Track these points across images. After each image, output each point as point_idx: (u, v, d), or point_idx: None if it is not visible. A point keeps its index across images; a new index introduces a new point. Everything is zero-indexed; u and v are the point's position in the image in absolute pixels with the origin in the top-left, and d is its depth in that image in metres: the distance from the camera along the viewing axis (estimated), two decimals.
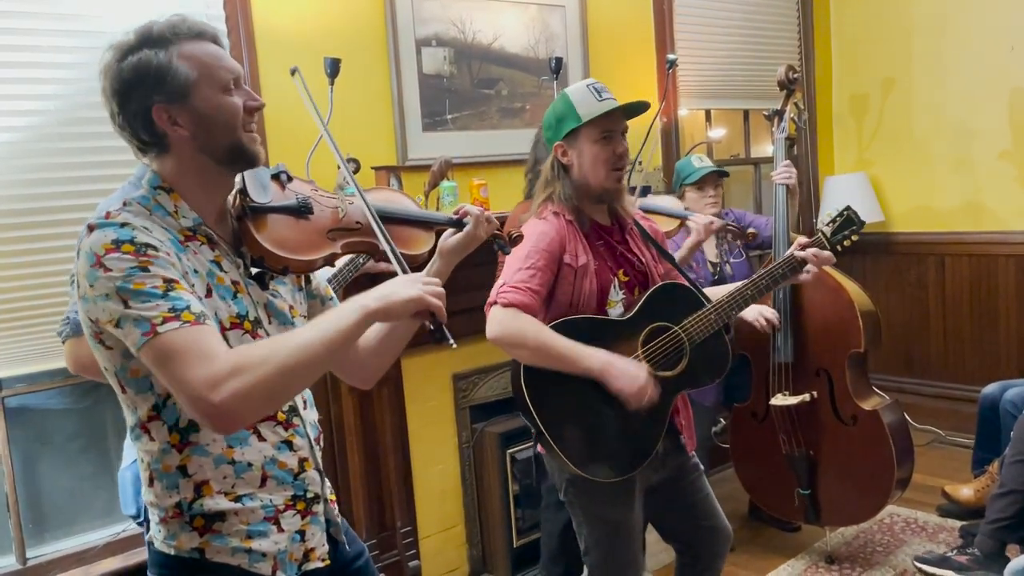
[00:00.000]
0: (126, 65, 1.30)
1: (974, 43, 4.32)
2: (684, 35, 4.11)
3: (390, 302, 1.30)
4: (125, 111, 1.31)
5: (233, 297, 1.35)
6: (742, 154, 4.70)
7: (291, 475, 1.41)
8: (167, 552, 1.35)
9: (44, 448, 2.68)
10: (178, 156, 1.34)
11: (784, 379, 3.16)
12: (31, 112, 2.43)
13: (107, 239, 1.22)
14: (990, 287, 4.39)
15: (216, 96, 1.32)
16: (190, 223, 1.34)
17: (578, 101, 2.10)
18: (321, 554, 1.47)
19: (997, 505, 2.96)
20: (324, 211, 1.47)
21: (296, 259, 1.40)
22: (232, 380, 1.18)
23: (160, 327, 1.19)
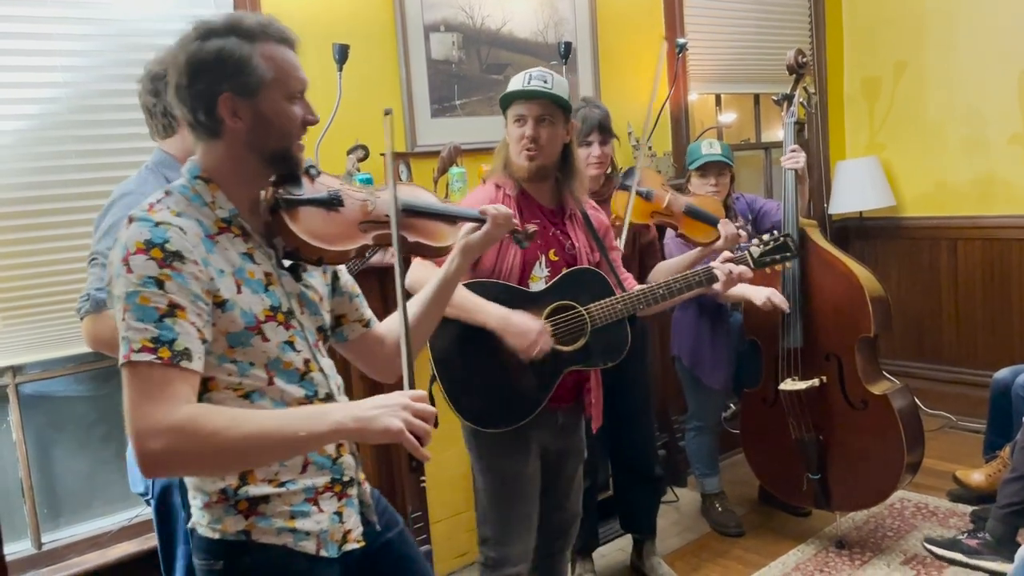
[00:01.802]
0: (210, 46, 1.31)
1: (986, 25, 4.28)
2: (694, 19, 4.08)
3: (366, 428, 1.25)
4: (192, 88, 1.32)
5: (265, 289, 1.38)
6: (752, 139, 4.68)
7: (330, 460, 1.45)
8: (212, 537, 1.38)
9: (59, 434, 2.71)
10: (227, 146, 1.36)
11: (794, 364, 3.15)
12: (43, 100, 2.44)
13: (141, 237, 1.24)
14: (1003, 271, 4.36)
15: (281, 102, 1.35)
16: (226, 214, 1.37)
17: (511, 84, 2.24)
18: (357, 535, 1.51)
19: (1009, 490, 2.95)
20: (354, 204, 1.50)
21: (331, 249, 1.43)
22: (173, 436, 1.18)
23: (134, 355, 1.20)
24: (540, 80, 2.20)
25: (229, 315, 1.31)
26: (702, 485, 3.62)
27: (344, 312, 1.61)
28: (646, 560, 3.20)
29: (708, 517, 3.59)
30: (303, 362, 1.42)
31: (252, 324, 1.34)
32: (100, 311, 1.76)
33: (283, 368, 1.39)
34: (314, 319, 1.47)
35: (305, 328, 1.44)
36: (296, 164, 1.42)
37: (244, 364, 1.35)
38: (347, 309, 1.60)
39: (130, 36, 2.55)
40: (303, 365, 1.42)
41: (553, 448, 2.34)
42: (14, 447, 2.53)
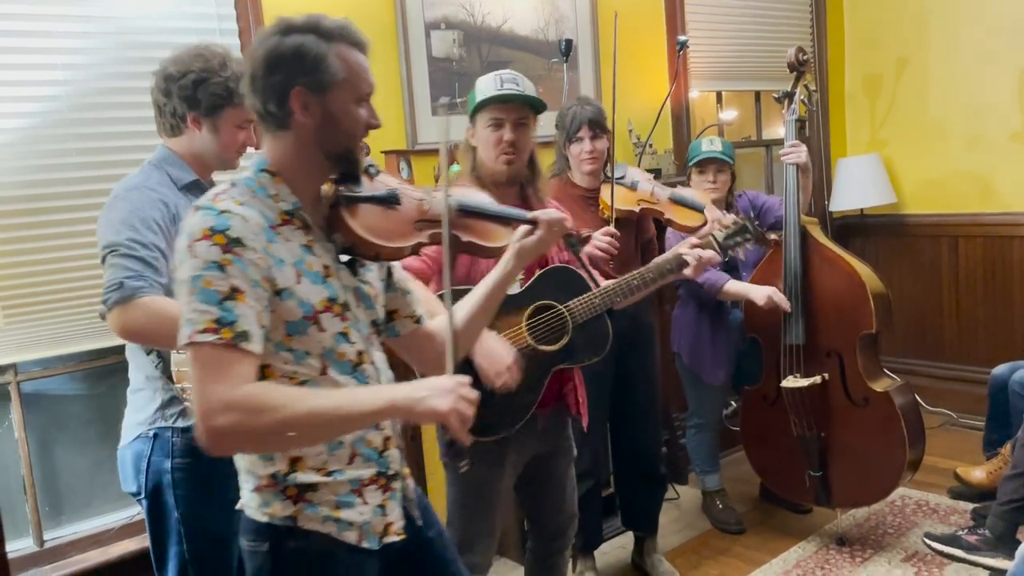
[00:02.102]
0: (289, 41, 1.37)
1: (989, 23, 4.27)
2: (695, 16, 4.08)
3: (416, 408, 1.33)
4: (268, 79, 1.38)
5: (323, 281, 1.42)
6: (753, 136, 4.67)
7: (376, 453, 1.49)
8: (260, 520, 1.43)
9: (60, 431, 2.71)
10: (295, 139, 1.41)
11: (795, 361, 3.15)
12: (43, 98, 2.44)
13: (205, 224, 1.30)
14: (1004, 268, 4.36)
15: (349, 103, 1.41)
16: (289, 206, 1.41)
17: (481, 88, 2.21)
18: (398, 528, 1.54)
19: (1009, 487, 2.95)
20: (411, 202, 1.54)
21: (387, 246, 1.47)
22: (238, 413, 1.24)
23: (198, 335, 1.26)
24: (512, 83, 2.19)
25: (287, 304, 1.36)
26: (703, 482, 3.62)
27: (397, 307, 1.65)
28: (647, 557, 3.20)
29: (709, 514, 3.60)
30: (356, 354, 1.46)
31: (310, 314, 1.38)
32: (131, 300, 1.75)
33: (336, 359, 1.43)
34: (368, 313, 1.52)
35: (360, 321, 1.48)
36: (357, 164, 1.47)
37: (300, 352, 1.39)
38: (400, 305, 1.65)
39: (130, 34, 2.55)
40: (356, 356, 1.46)
41: (538, 453, 2.31)
42: (16, 445, 2.54)
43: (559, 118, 2.98)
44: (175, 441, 1.93)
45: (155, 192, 1.87)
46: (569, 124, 2.88)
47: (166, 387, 1.92)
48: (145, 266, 1.78)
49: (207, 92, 1.90)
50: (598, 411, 3.03)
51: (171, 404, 1.93)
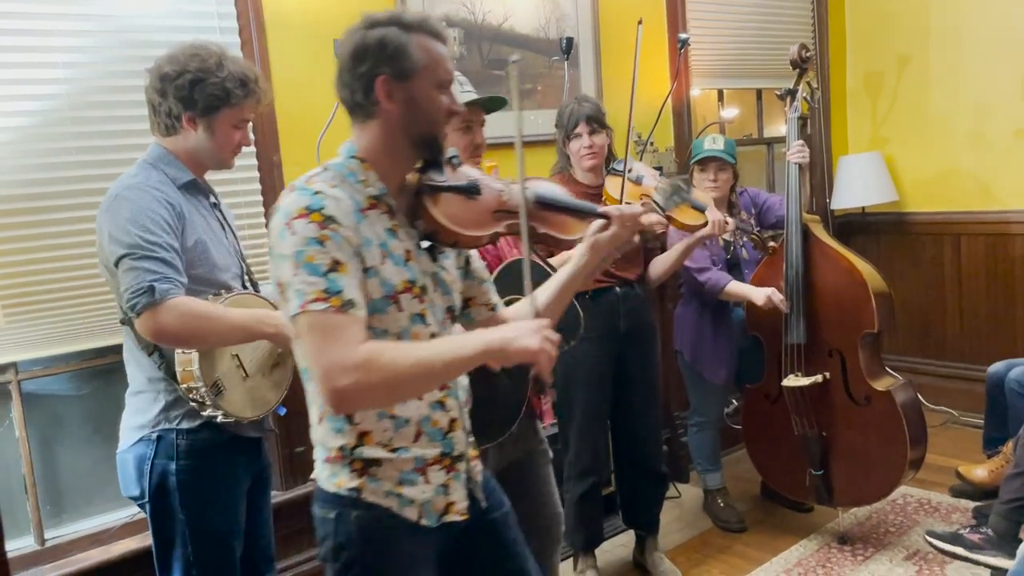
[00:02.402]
0: (372, 34, 1.46)
1: (991, 20, 4.26)
2: (696, 14, 4.07)
3: (509, 347, 1.40)
4: (355, 71, 1.47)
5: (405, 264, 1.49)
6: (755, 134, 4.66)
7: (441, 433, 1.56)
8: (328, 490, 1.52)
9: (61, 430, 2.71)
10: (381, 127, 1.49)
11: (797, 360, 3.15)
12: (44, 96, 2.44)
13: (301, 204, 1.38)
14: (1006, 266, 4.35)
15: (431, 89, 1.49)
16: (376, 192, 1.49)
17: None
18: (460, 508, 1.60)
19: (1011, 485, 2.95)
20: (491, 193, 1.60)
21: (465, 234, 1.53)
22: (358, 372, 1.32)
23: (311, 304, 1.34)
24: (469, 84, 2.21)
25: (372, 282, 1.44)
26: (704, 481, 3.62)
27: (473, 295, 1.72)
28: (648, 556, 3.20)
29: (710, 513, 3.59)
30: (430, 335, 1.53)
31: (391, 293, 1.46)
32: (162, 302, 1.75)
33: (411, 339, 1.50)
34: (445, 299, 1.59)
35: (436, 305, 1.55)
36: (440, 150, 1.54)
37: (379, 331, 1.46)
38: (476, 292, 1.72)
39: (130, 32, 2.55)
40: (429, 338, 1.53)
41: (515, 459, 2.27)
42: (17, 444, 2.53)
43: (558, 116, 2.98)
44: (180, 443, 1.92)
45: (159, 191, 1.87)
46: (567, 121, 2.89)
47: (170, 388, 1.91)
48: (168, 267, 1.78)
49: (204, 93, 1.89)
50: (599, 409, 3.03)
51: (175, 406, 1.92)
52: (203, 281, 1.92)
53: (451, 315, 1.63)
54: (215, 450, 1.96)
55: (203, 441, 1.94)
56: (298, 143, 2.86)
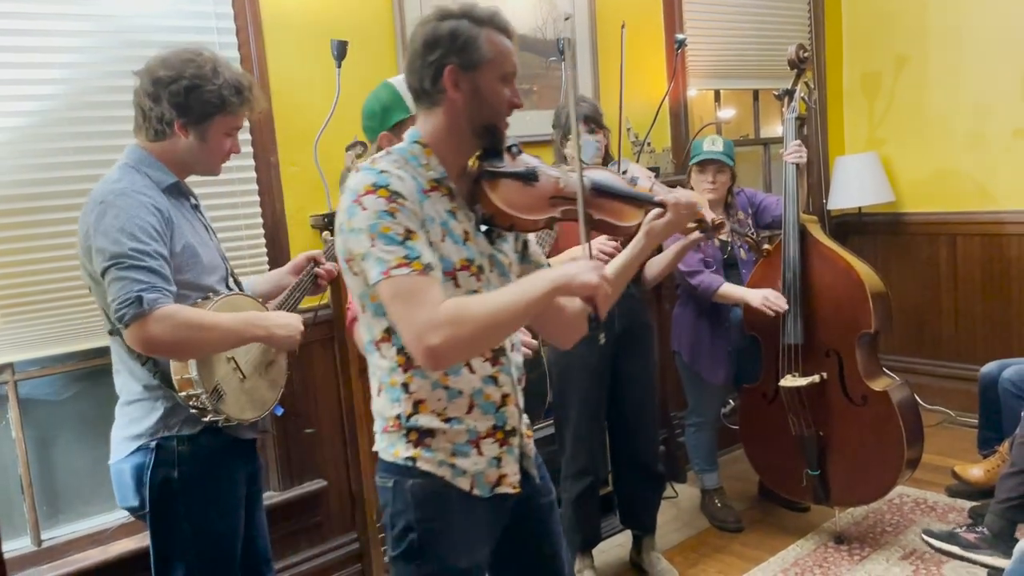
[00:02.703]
0: (445, 25, 1.53)
1: (989, 19, 4.26)
2: (693, 14, 4.08)
3: (573, 282, 1.45)
4: (425, 59, 1.54)
5: (463, 243, 1.56)
6: (751, 134, 4.67)
7: (494, 407, 1.62)
8: (387, 459, 1.60)
9: (58, 430, 2.71)
10: (446, 114, 1.56)
11: (794, 360, 3.15)
12: (40, 96, 2.43)
13: (368, 181, 1.46)
14: (1002, 267, 4.36)
15: (495, 82, 1.56)
16: (437, 175, 1.56)
17: (406, 93, 2.13)
18: (513, 481, 1.65)
19: (1007, 484, 2.96)
20: (548, 180, 1.65)
21: (522, 218, 1.59)
22: (447, 328, 1.39)
23: (394, 270, 1.42)
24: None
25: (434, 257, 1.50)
26: (701, 481, 3.63)
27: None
28: (645, 556, 3.20)
29: (707, 513, 3.60)
30: None
31: (449, 269, 1.52)
32: (151, 313, 1.70)
33: None
34: (501, 279, 1.64)
35: (492, 285, 1.60)
36: (501, 139, 1.60)
37: None
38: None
39: (128, 32, 2.54)
40: None
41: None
42: (13, 444, 2.53)
43: (555, 117, 2.99)
44: (181, 450, 1.89)
45: (146, 197, 1.83)
46: (564, 122, 2.88)
47: (168, 396, 1.88)
48: (156, 276, 1.75)
49: (200, 100, 1.86)
50: (595, 409, 3.03)
51: (174, 413, 1.90)
52: (192, 286, 1.89)
53: None
54: (216, 454, 1.95)
55: (204, 446, 1.92)
56: (296, 144, 2.86)
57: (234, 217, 2.77)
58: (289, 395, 2.90)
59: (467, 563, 1.61)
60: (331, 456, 3.05)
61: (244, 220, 2.79)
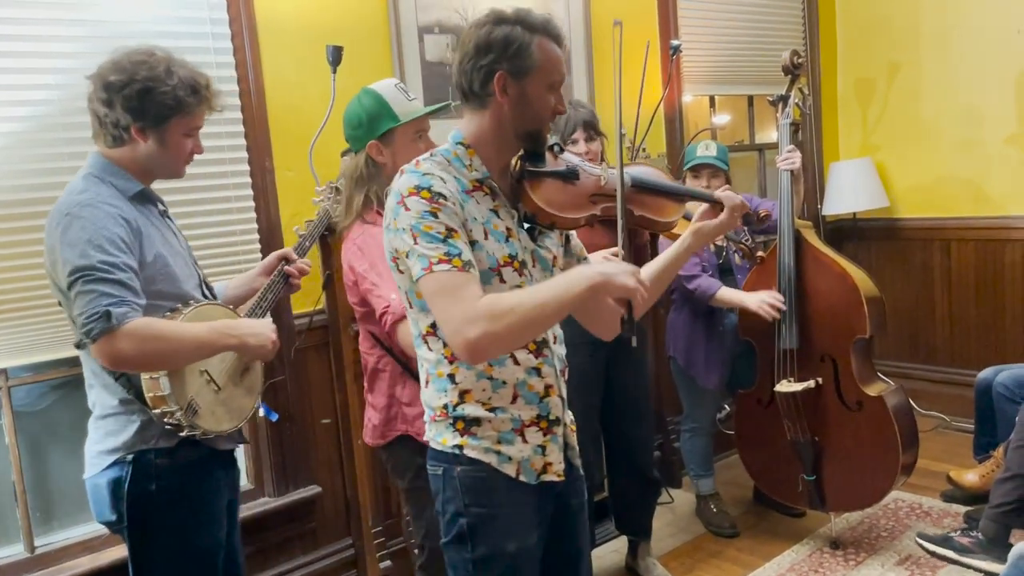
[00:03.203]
0: (499, 31, 1.56)
1: (981, 26, 4.28)
2: (688, 21, 4.09)
3: (611, 283, 1.49)
4: (476, 62, 1.57)
5: (506, 240, 1.61)
6: (746, 140, 4.68)
7: (537, 397, 1.66)
8: (436, 448, 1.66)
9: (51, 437, 2.69)
10: (492, 117, 1.61)
11: (789, 365, 3.16)
12: (34, 102, 2.43)
13: (411, 183, 1.52)
14: (996, 272, 4.38)
15: (542, 89, 1.59)
16: (479, 175, 1.62)
17: (392, 100, 2.18)
18: (557, 470, 1.70)
19: (1002, 489, 2.96)
20: (589, 178, 1.70)
21: (563, 216, 1.64)
22: (485, 322, 1.44)
23: (436, 266, 1.47)
24: (412, 92, 2.25)
25: (478, 255, 1.56)
26: (697, 486, 3.63)
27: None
28: (641, 561, 3.20)
29: (703, 518, 3.60)
30: None
31: (494, 266, 1.58)
32: (119, 328, 1.66)
33: None
34: (544, 274, 1.68)
35: (535, 280, 1.65)
36: (542, 143, 1.65)
37: None
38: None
39: (123, 38, 2.49)
40: None
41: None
42: (6, 450, 2.52)
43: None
44: (159, 463, 1.85)
45: (113, 207, 1.78)
46: (564, 127, 2.88)
47: (144, 409, 1.83)
48: (124, 289, 1.70)
49: (154, 102, 1.80)
50: (590, 415, 3.03)
51: (151, 426, 1.85)
52: (165, 296, 1.84)
53: None
54: (195, 467, 1.90)
55: (182, 459, 1.87)
56: (290, 148, 2.86)
57: (229, 223, 2.77)
58: (285, 401, 2.90)
59: (516, 547, 1.65)
60: (325, 462, 3.04)
61: (239, 226, 2.79)
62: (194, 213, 2.68)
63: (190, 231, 2.64)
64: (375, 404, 2.32)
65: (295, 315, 2.91)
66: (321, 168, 2.83)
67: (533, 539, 1.69)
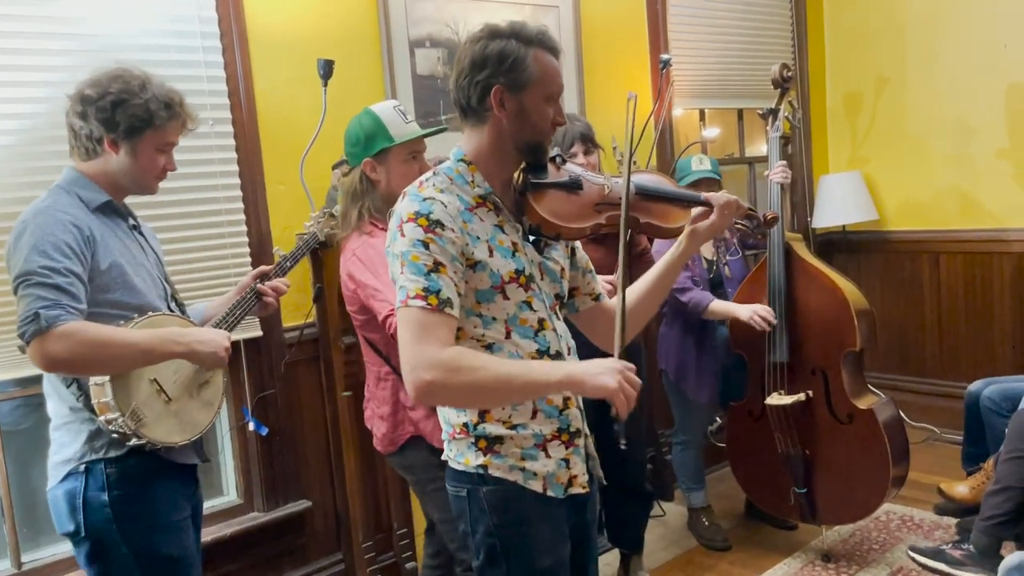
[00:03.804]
0: (494, 45, 1.56)
1: (967, 41, 4.32)
2: (678, 35, 4.11)
3: (588, 382, 1.48)
4: (472, 77, 1.57)
5: (512, 256, 1.61)
6: (736, 153, 4.70)
7: (556, 411, 1.66)
8: (458, 469, 1.65)
9: (38, 452, 2.67)
10: (490, 132, 1.61)
11: (780, 378, 3.16)
12: (25, 115, 2.42)
13: (411, 209, 1.52)
14: (985, 285, 4.40)
15: (540, 101, 1.59)
16: (482, 191, 1.62)
17: (389, 121, 2.25)
18: (582, 482, 1.70)
19: (992, 501, 2.97)
20: (592, 188, 1.70)
21: (568, 226, 1.64)
22: (443, 371, 1.44)
23: (411, 300, 1.48)
24: (410, 115, 2.30)
25: (480, 275, 1.56)
26: (688, 499, 3.62)
27: (577, 285, 1.82)
28: (633, 574, 3.19)
29: (695, 531, 3.59)
30: (538, 321, 1.64)
31: (497, 283, 1.58)
32: (50, 330, 1.66)
33: (520, 324, 1.62)
34: (552, 286, 1.69)
35: (543, 292, 1.66)
36: (544, 155, 1.65)
37: (488, 318, 1.59)
38: (580, 283, 1.82)
39: (113, 51, 2.52)
40: (537, 323, 1.64)
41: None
42: None
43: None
44: (109, 473, 1.83)
45: (66, 215, 1.78)
46: (562, 140, 2.87)
47: (91, 418, 1.82)
48: (61, 293, 1.70)
49: (126, 114, 1.82)
50: None
51: (98, 436, 1.83)
52: (123, 306, 1.84)
53: (560, 302, 1.74)
54: (149, 476, 1.87)
55: (133, 468, 1.85)
56: (281, 161, 2.86)
57: (219, 236, 2.76)
58: (275, 415, 2.89)
59: (550, 562, 1.65)
60: (316, 476, 3.03)
61: (230, 239, 2.78)
62: (184, 226, 2.67)
63: (181, 244, 2.65)
64: (381, 414, 2.34)
65: (285, 328, 2.90)
66: (312, 181, 2.83)
67: (566, 552, 1.69)
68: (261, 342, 2.85)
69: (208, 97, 2.71)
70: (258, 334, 2.82)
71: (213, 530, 2.75)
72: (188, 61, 2.67)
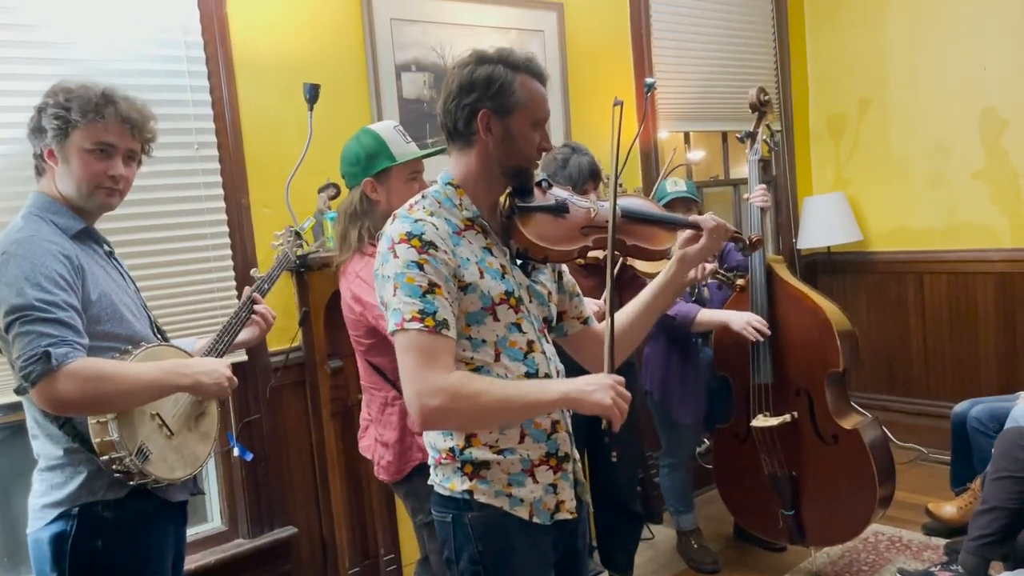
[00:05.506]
0: (481, 70, 1.59)
1: (948, 64, 4.38)
2: (662, 58, 4.15)
3: (584, 399, 1.51)
4: (460, 102, 1.59)
5: (501, 278, 1.62)
6: (721, 175, 4.74)
7: (545, 435, 1.65)
8: (444, 493, 1.65)
9: (19, 478, 2.64)
10: (477, 156, 1.62)
11: (764, 400, 3.17)
12: (12, 140, 2.40)
13: (403, 230, 1.53)
14: (968, 305, 4.43)
15: (526, 126, 1.61)
16: (470, 214, 1.63)
17: (390, 140, 2.25)
18: (570, 507, 1.69)
19: (980, 522, 2.96)
20: (579, 211, 1.72)
21: (555, 249, 1.66)
22: (448, 398, 1.46)
23: (408, 323, 1.48)
24: (409, 135, 2.31)
25: (471, 297, 1.56)
26: (677, 522, 3.61)
27: (565, 309, 1.82)
28: None
29: (684, 554, 3.57)
30: (527, 343, 1.64)
31: (488, 305, 1.58)
32: (59, 369, 1.58)
33: (509, 346, 1.62)
34: (540, 309, 1.70)
35: (532, 315, 1.66)
36: (529, 180, 1.67)
37: (477, 340, 1.59)
38: (567, 307, 1.83)
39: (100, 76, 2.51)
40: (526, 346, 1.64)
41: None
42: None
43: (551, 161, 2.90)
44: (107, 516, 1.75)
45: (52, 244, 1.70)
46: (576, 174, 2.85)
47: (90, 459, 1.73)
48: (65, 328, 1.62)
49: (48, 116, 1.74)
50: None
51: (98, 476, 1.75)
52: (115, 337, 1.77)
53: (548, 325, 1.74)
54: (144, 520, 1.81)
55: (132, 511, 1.78)
56: (267, 185, 2.86)
57: (204, 260, 2.75)
58: (259, 439, 2.87)
59: None
60: (302, 502, 3.00)
61: (214, 263, 2.77)
62: (168, 251, 2.66)
63: (165, 268, 2.64)
64: (386, 440, 2.29)
65: (271, 352, 2.89)
66: (298, 205, 2.83)
67: None
68: (247, 367, 2.83)
69: (194, 121, 2.72)
70: (243, 359, 2.80)
71: (197, 557, 2.71)
72: (174, 86, 2.68)
